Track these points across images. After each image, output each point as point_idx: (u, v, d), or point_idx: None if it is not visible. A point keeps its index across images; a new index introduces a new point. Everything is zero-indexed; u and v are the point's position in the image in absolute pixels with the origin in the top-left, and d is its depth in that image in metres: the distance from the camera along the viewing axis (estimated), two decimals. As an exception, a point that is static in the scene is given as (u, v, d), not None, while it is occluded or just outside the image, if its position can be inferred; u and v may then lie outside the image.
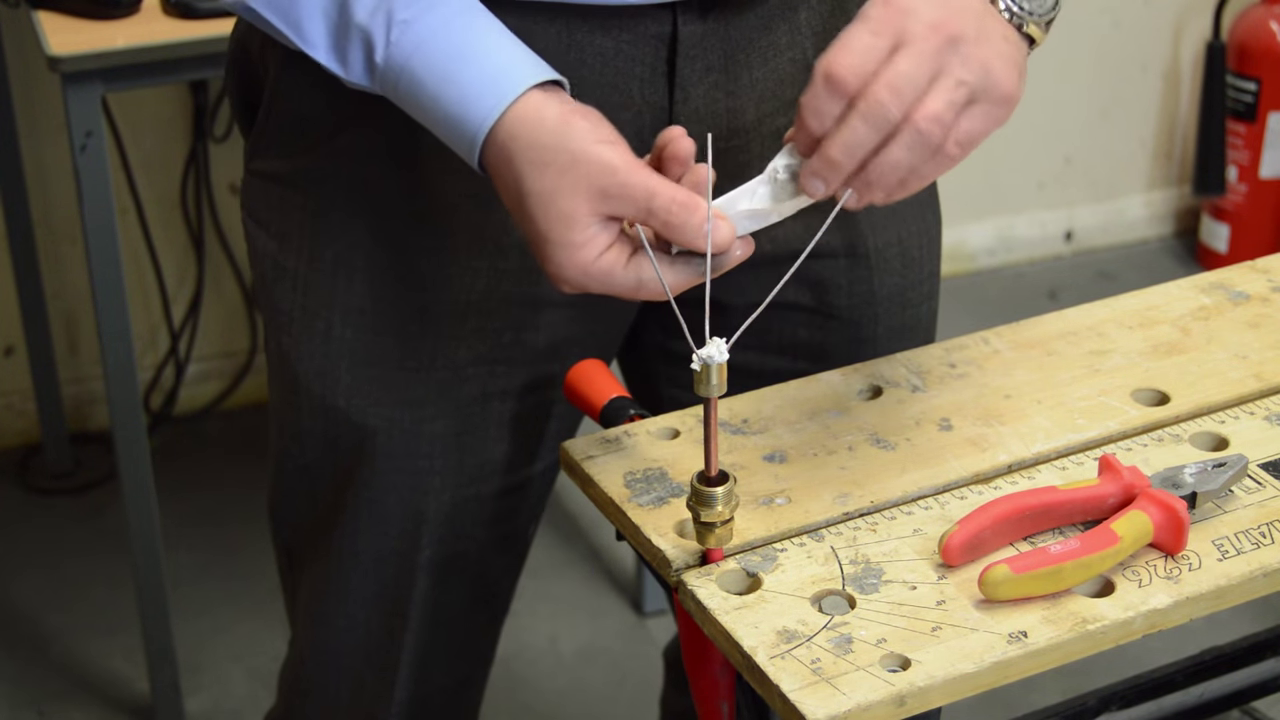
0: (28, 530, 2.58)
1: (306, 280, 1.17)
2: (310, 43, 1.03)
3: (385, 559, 1.23)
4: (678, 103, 1.12)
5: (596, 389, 1.14)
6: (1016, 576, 0.90)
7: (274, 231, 1.19)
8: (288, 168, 1.17)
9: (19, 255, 2.52)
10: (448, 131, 1.00)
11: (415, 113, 1.02)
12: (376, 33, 1.00)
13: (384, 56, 1.00)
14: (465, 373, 1.17)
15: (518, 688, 2.27)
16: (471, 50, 0.99)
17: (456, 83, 0.99)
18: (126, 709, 2.24)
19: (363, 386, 1.18)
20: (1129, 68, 3.33)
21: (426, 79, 0.99)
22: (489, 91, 0.98)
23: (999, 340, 1.16)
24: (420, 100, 1.00)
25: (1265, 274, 1.24)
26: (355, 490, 1.21)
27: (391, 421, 1.18)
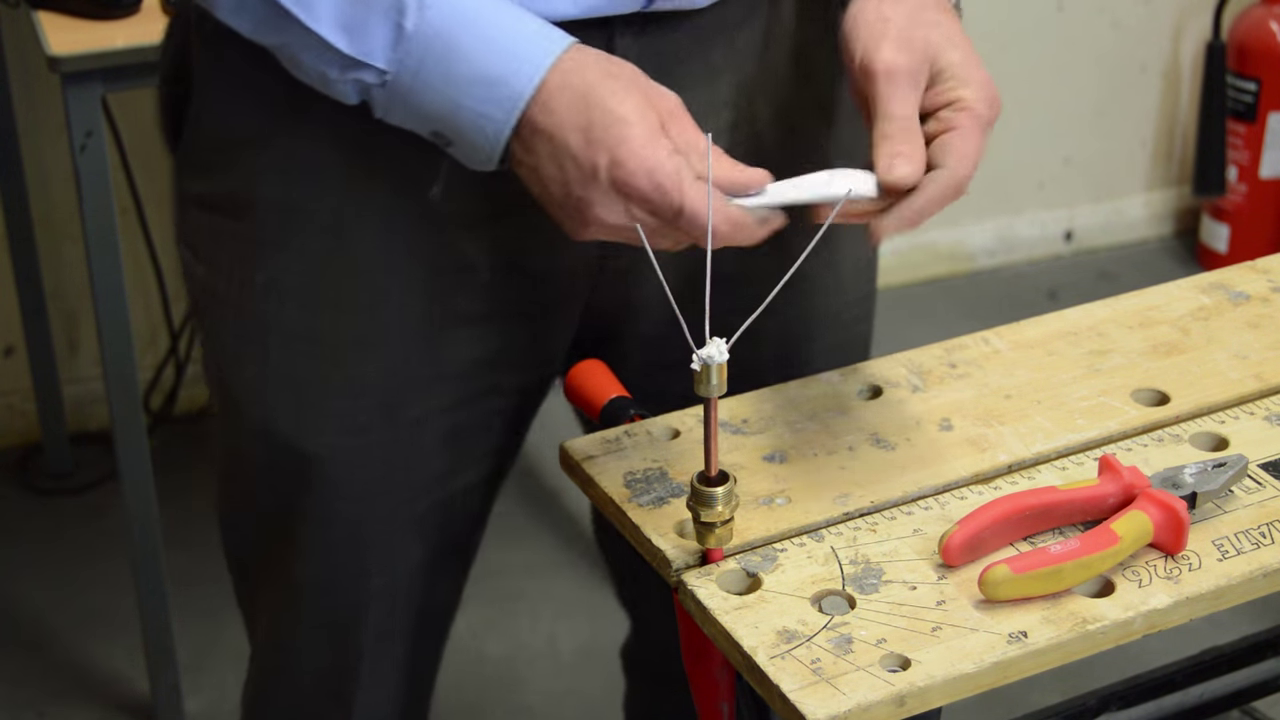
0: (28, 530, 2.58)
1: (239, 306, 1.15)
2: (315, 16, 1.00)
3: (334, 586, 1.22)
4: None
5: (597, 389, 1.14)
6: (1016, 576, 0.90)
7: (203, 256, 1.17)
8: (215, 189, 1.15)
9: (19, 255, 2.52)
10: (485, 91, 0.98)
11: (440, 89, 0.99)
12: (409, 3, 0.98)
13: (416, 22, 0.98)
14: (405, 395, 1.15)
15: (518, 688, 2.26)
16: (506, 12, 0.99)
17: (500, 38, 0.98)
18: (126, 709, 2.24)
19: (303, 413, 1.16)
20: (1129, 68, 3.33)
21: (463, 42, 0.98)
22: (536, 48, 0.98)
23: (999, 340, 1.16)
24: (453, 65, 0.98)
25: (1265, 274, 1.24)
26: (300, 517, 1.19)
27: (334, 448, 1.16)
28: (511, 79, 0.98)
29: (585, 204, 0.98)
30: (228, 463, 1.25)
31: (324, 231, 1.12)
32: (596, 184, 0.97)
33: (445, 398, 1.17)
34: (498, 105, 0.98)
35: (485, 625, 2.33)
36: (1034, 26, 3.19)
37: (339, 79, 1.01)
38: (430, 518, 1.22)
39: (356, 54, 1.00)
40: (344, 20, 0.99)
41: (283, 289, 1.14)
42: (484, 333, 1.16)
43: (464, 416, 1.19)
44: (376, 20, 0.99)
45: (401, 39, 0.99)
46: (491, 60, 0.98)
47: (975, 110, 1.01)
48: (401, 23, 0.98)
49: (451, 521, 1.24)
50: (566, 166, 0.98)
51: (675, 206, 0.96)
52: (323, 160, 1.09)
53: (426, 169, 1.08)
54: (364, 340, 1.14)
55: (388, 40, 0.99)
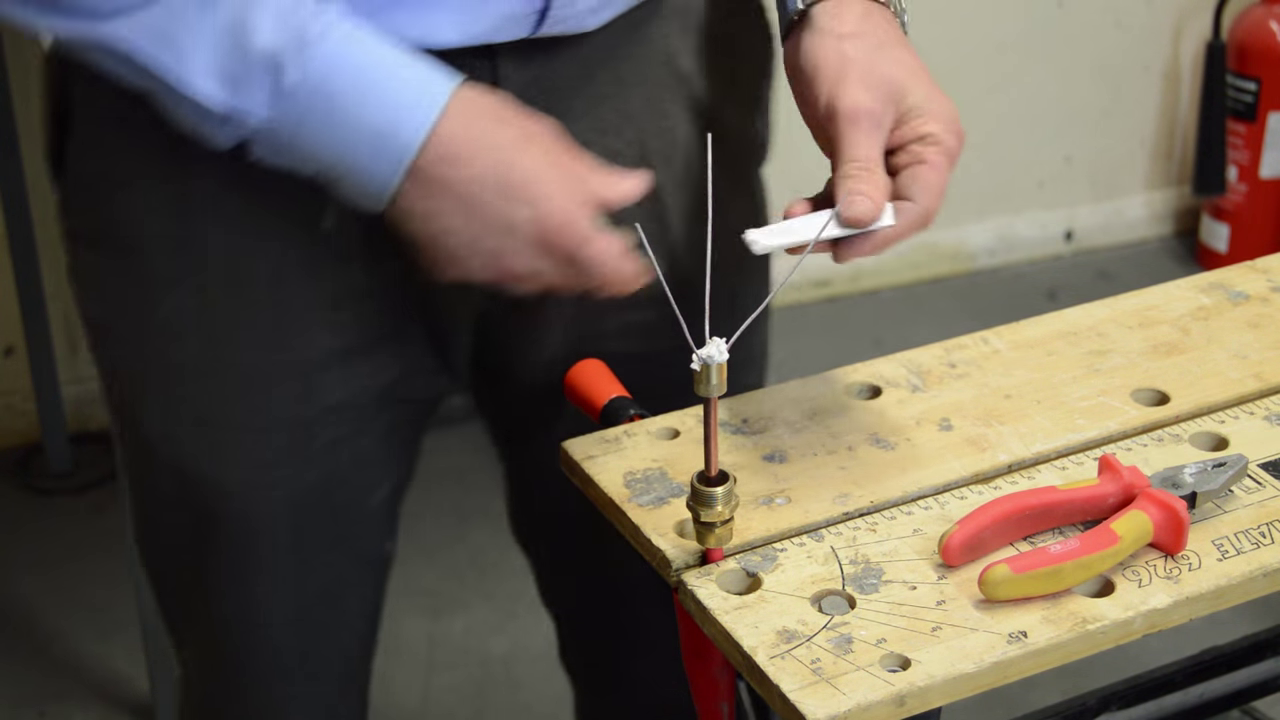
0: (28, 530, 2.58)
1: (139, 344, 1.13)
2: (191, 70, 0.96)
3: (254, 620, 1.21)
4: None
5: (596, 389, 1.14)
6: (1016, 576, 0.90)
7: (96, 295, 1.15)
8: (102, 227, 1.12)
9: (19, 255, 2.52)
10: (371, 144, 0.97)
11: (324, 141, 0.97)
12: (287, 55, 0.96)
13: (296, 79, 0.96)
14: (313, 429, 1.14)
15: (518, 688, 2.26)
16: (388, 59, 0.98)
17: (383, 89, 0.97)
18: (126, 709, 2.24)
19: (212, 450, 1.14)
20: (1129, 68, 3.34)
21: (346, 96, 0.97)
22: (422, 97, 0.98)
23: (999, 340, 1.16)
24: (336, 119, 0.97)
25: (1265, 274, 1.24)
26: (214, 551, 1.18)
27: (244, 482, 1.15)
28: (398, 132, 0.97)
29: (497, 254, 1.00)
30: (138, 499, 1.24)
31: (219, 265, 1.09)
32: (514, 237, 0.99)
33: (352, 423, 1.16)
34: (384, 159, 0.98)
35: (485, 625, 2.33)
36: (1035, 26, 3.19)
37: (211, 129, 0.99)
38: (345, 537, 1.21)
39: (235, 108, 0.97)
40: (223, 76, 0.96)
41: (181, 325, 1.11)
42: (388, 358, 1.15)
43: (371, 439, 1.18)
44: (255, 78, 0.96)
45: (280, 94, 0.96)
46: (376, 113, 0.97)
47: (944, 144, 1.01)
48: (280, 79, 0.96)
49: (366, 536, 1.23)
50: (479, 218, 0.99)
51: (586, 257, 1.00)
52: (213, 193, 1.07)
53: (319, 200, 1.06)
54: (268, 373, 1.12)
55: (266, 97, 0.97)
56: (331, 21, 0.97)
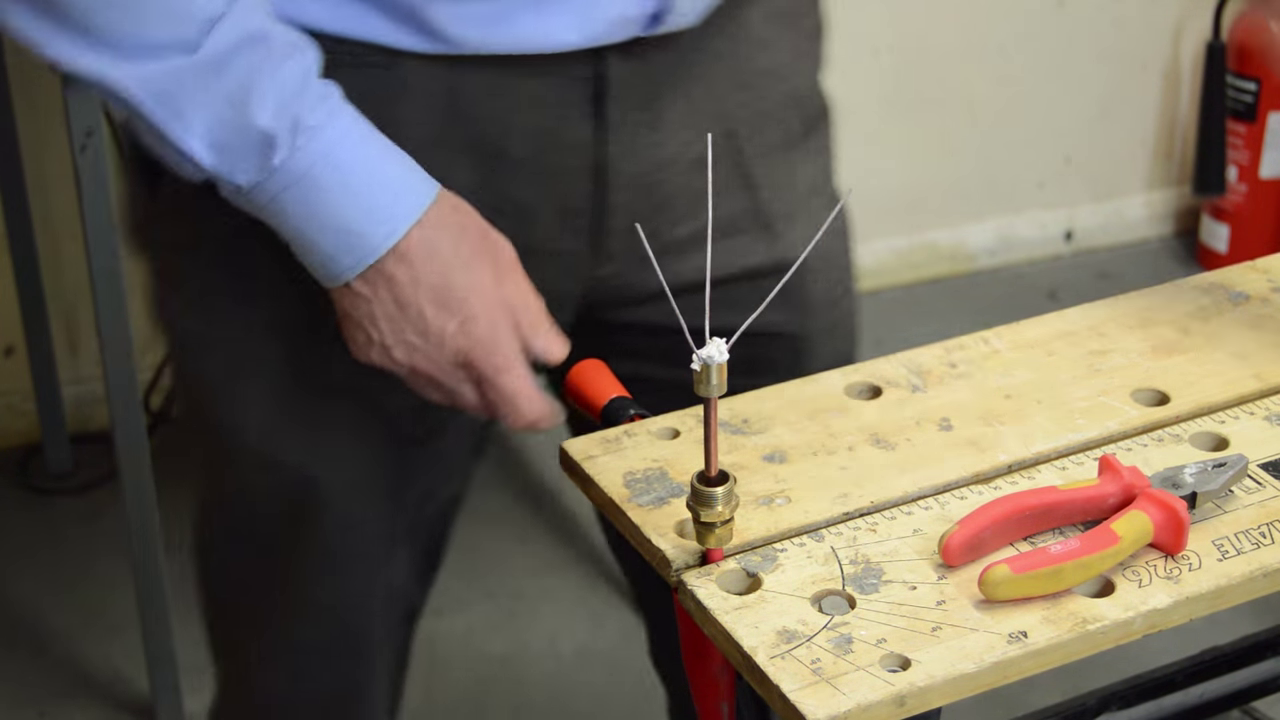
0: (28, 530, 2.58)
1: (236, 347, 1.15)
2: (187, 131, 1.00)
3: (338, 605, 1.22)
4: (608, 143, 1.12)
5: (596, 389, 1.14)
6: (1016, 576, 0.90)
7: (188, 298, 1.16)
8: (204, 234, 1.14)
9: (19, 255, 2.52)
10: (340, 239, 1.01)
11: (297, 219, 1.01)
12: (281, 136, 0.99)
13: (283, 160, 0.99)
14: (399, 420, 1.16)
15: (518, 688, 2.27)
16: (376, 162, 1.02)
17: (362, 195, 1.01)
18: (126, 709, 2.24)
19: (303, 443, 1.16)
20: (1129, 67, 3.34)
21: (328, 187, 1.00)
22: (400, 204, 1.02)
23: (999, 340, 1.16)
24: (311, 205, 1.01)
25: (1265, 274, 1.24)
26: (304, 543, 1.19)
27: (336, 474, 1.17)
28: (367, 236, 1.02)
29: (415, 356, 1.05)
30: (219, 502, 1.24)
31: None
32: (435, 345, 1.04)
33: (431, 419, 1.17)
34: (349, 254, 1.02)
35: (485, 625, 2.33)
36: (1034, 25, 3.19)
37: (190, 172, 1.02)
38: (417, 529, 1.23)
39: (222, 172, 1.01)
40: (214, 142, 1.00)
41: (285, 327, 1.13)
42: None
43: (452, 435, 1.20)
44: (247, 149, 0.99)
45: (266, 170, 1.00)
46: (351, 213, 1.01)
47: None
48: (269, 157, 0.99)
49: (433, 530, 1.26)
50: (409, 319, 1.03)
51: (499, 385, 1.05)
52: None
53: None
54: (364, 369, 1.13)
55: (254, 170, 1.00)
56: (331, 111, 1.00)
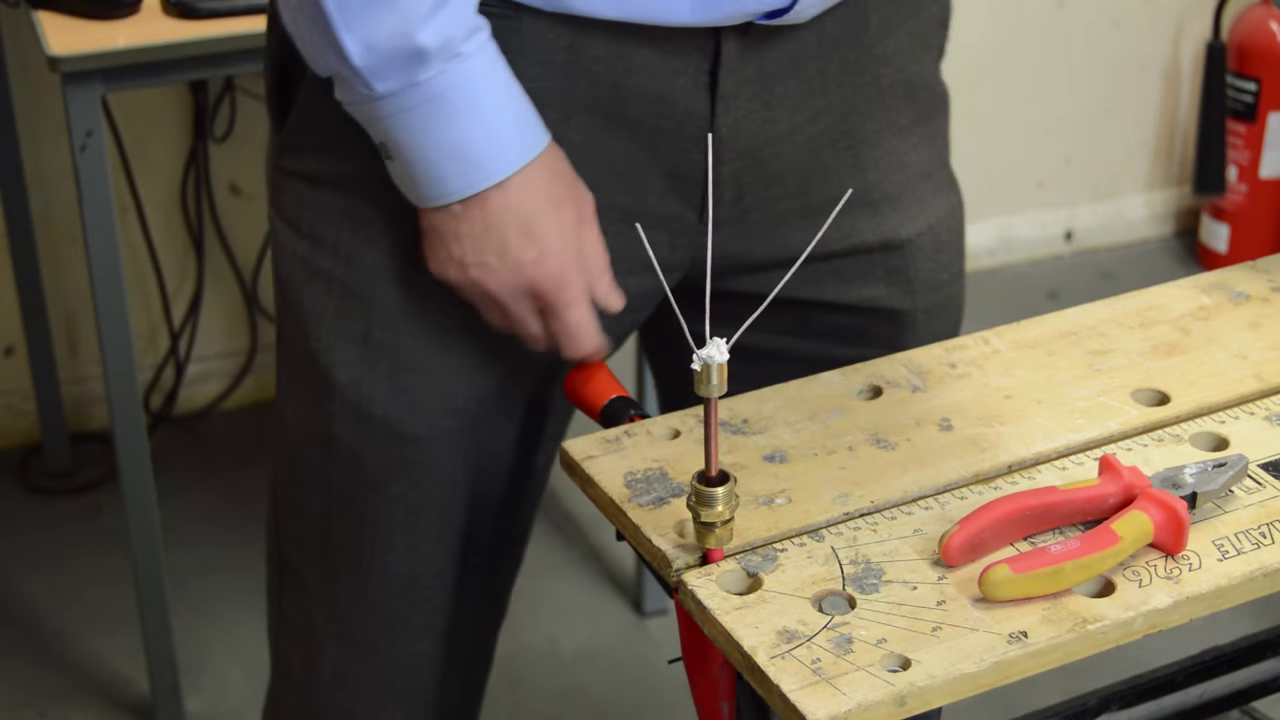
0: (28, 530, 2.58)
1: (344, 284, 1.16)
2: (350, 27, 1.03)
3: (412, 576, 1.22)
4: (718, 114, 1.14)
5: (596, 389, 1.14)
6: (1016, 576, 0.90)
7: (305, 232, 1.17)
8: (325, 168, 1.16)
9: (19, 255, 2.52)
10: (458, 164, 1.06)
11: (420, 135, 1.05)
12: (433, 56, 1.03)
13: (430, 77, 1.03)
14: (502, 381, 1.18)
15: (518, 688, 2.27)
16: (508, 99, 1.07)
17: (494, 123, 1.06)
18: (126, 709, 2.24)
19: (403, 395, 1.16)
20: (1129, 67, 3.34)
21: (465, 110, 1.05)
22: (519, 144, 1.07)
23: (999, 340, 1.16)
24: (442, 124, 1.05)
25: (1265, 274, 1.24)
26: (388, 504, 1.19)
27: (433, 430, 1.17)
28: (487, 164, 1.06)
29: (489, 275, 1.09)
30: (298, 457, 1.23)
31: None
32: (511, 270, 1.08)
33: (531, 383, 1.20)
34: (464, 179, 1.06)
35: (485, 625, 2.34)
36: (1034, 25, 3.19)
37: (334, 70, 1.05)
38: (508, 501, 1.23)
39: (364, 72, 1.04)
40: (372, 45, 1.03)
41: (393, 269, 1.15)
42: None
43: (543, 400, 1.22)
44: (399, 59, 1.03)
45: (410, 84, 1.03)
46: (478, 140, 1.06)
47: None
48: (417, 72, 1.03)
49: (520, 506, 1.26)
50: (492, 241, 1.08)
51: (563, 318, 1.10)
52: None
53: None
54: (464, 325, 1.15)
55: (399, 77, 1.03)
56: (481, 44, 1.05)
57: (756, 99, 1.15)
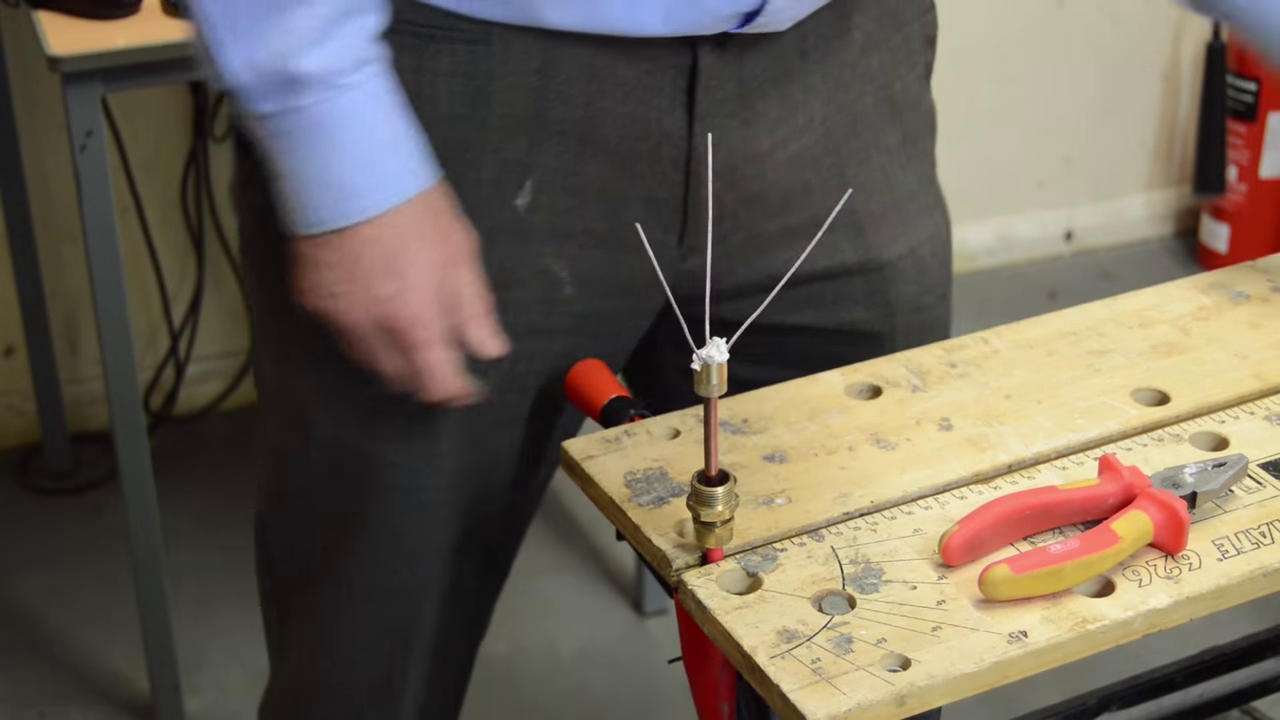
0: (28, 530, 2.58)
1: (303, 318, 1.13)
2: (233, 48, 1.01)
3: (394, 591, 1.21)
4: (696, 134, 1.13)
5: (596, 389, 1.14)
6: (1016, 576, 0.90)
7: (274, 262, 1.16)
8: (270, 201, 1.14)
9: (19, 255, 2.52)
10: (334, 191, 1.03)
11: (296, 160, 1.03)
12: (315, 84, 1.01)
13: (309, 104, 1.01)
14: (478, 405, 1.15)
15: (518, 688, 2.27)
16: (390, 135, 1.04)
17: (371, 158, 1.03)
18: (126, 709, 2.24)
19: (376, 420, 1.16)
20: (1129, 68, 3.33)
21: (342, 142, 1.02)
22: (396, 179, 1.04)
23: (999, 340, 1.16)
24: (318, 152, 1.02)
25: (1265, 274, 1.24)
26: (365, 523, 1.19)
27: (406, 454, 1.16)
28: (361, 199, 1.03)
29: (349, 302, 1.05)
30: (281, 473, 1.24)
31: None
32: (370, 303, 1.04)
33: (514, 409, 1.18)
34: (333, 209, 1.03)
35: (485, 625, 2.34)
36: (1034, 25, 3.19)
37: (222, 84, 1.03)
38: (487, 525, 1.22)
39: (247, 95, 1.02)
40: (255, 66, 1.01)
41: None
42: (561, 345, 1.16)
43: (529, 428, 1.20)
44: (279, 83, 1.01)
45: (288, 108, 1.01)
46: (353, 173, 1.03)
47: None
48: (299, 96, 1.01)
49: (504, 529, 1.25)
50: (355, 273, 1.04)
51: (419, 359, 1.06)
52: None
53: (514, 179, 1.10)
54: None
55: (280, 100, 1.01)
56: (369, 76, 1.02)
57: (735, 117, 1.14)
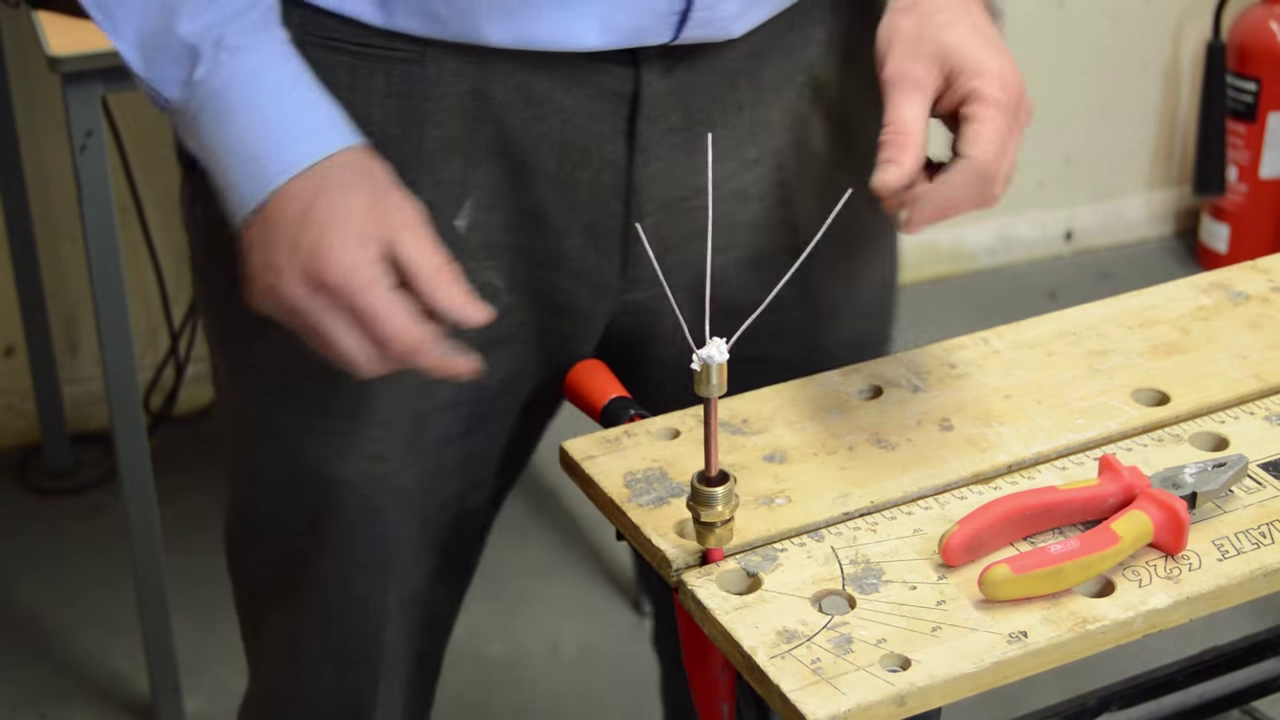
0: (28, 530, 2.58)
1: (260, 334, 1.13)
2: (119, 33, 1.02)
3: (355, 603, 1.21)
4: (637, 165, 1.11)
5: (596, 389, 1.14)
6: (1016, 576, 0.90)
7: (223, 282, 1.15)
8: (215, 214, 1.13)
9: (19, 255, 2.52)
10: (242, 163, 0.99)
11: (211, 141, 1.00)
12: (204, 50, 0.99)
13: (204, 75, 0.99)
14: (428, 421, 1.15)
15: (518, 688, 2.27)
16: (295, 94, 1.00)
17: (273, 123, 0.99)
18: (126, 709, 2.24)
19: (327, 440, 1.15)
20: (1129, 67, 3.33)
21: (240, 110, 0.99)
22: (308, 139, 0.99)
23: (999, 340, 1.16)
24: (223, 127, 0.99)
25: (1265, 274, 1.24)
26: (321, 542, 1.19)
27: (359, 474, 1.16)
28: (270, 161, 0.98)
29: (277, 271, 0.98)
30: (243, 488, 1.24)
31: None
32: (295, 259, 0.97)
33: (463, 422, 1.17)
34: (251, 181, 0.99)
35: (485, 626, 2.33)
36: (1034, 25, 3.19)
37: (143, 88, 1.03)
38: (443, 536, 1.22)
39: (150, 80, 1.01)
40: (141, 44, 1.00)
41: None
42: (502, 357, 1.15)
43: (480, 439, 1.19)
44: (170, 60, 0.99)
45: (189, 84, 0.99)
46: (258, 138, 0.99)
47: (990, 97, 1.01)
48: (192, 71, 0.99)
49: (460, 538, 1.24)
50: (276, 232, 0.98)
51: (363, 307, 0.96)
52: None
53: (452, 200, 1.09)
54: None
55: (178, 80, 1.00)
56: (262, 40, 1.00)
57: (679, 147, 1.12)
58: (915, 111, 1.00)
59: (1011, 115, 1.02)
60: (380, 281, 0.97)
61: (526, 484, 2.64)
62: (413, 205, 1.00)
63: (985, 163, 1.01)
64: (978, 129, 1.00)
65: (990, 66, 1.02)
